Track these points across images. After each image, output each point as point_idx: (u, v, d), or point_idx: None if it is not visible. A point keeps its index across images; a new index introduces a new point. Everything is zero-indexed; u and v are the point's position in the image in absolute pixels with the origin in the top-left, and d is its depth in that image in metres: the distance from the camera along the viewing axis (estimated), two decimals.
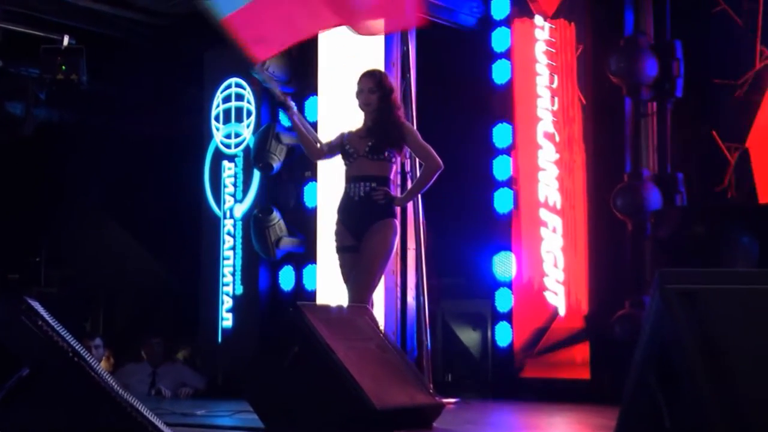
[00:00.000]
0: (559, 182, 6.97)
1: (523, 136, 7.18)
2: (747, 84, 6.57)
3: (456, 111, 7.73)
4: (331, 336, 4.23)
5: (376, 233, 5.24)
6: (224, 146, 8.26)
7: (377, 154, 5.29)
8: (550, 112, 7.05)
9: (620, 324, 6.48)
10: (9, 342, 3.45)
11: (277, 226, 7.74)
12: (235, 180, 8.17)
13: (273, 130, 7.83)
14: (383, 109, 5.33)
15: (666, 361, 2.66)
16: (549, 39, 7.08)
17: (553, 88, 7.05)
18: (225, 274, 8.09)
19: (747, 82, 6.57)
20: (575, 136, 6.95)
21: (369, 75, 5.43)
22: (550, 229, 6.97)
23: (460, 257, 7.74)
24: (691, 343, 2.59)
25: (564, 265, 6.89)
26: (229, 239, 8.13)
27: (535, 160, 7.08)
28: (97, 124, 9.01)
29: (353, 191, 5.31)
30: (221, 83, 8.31)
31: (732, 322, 2.63)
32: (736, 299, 2.67)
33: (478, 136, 7.55)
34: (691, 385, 2.56)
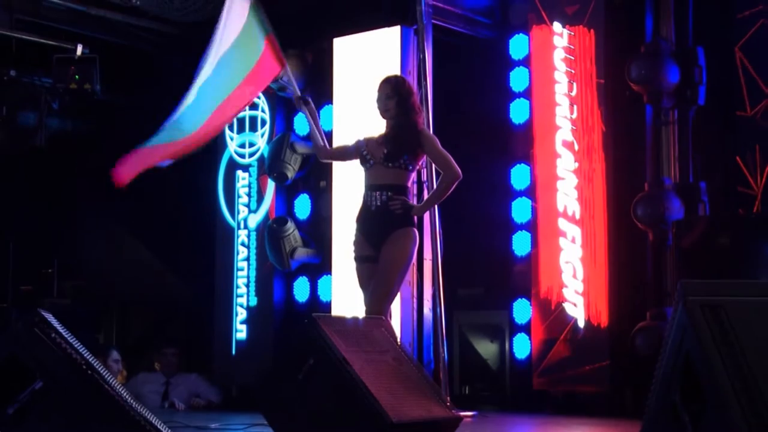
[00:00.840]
0: (578, 191, 6.95)
1: (541, 144, 7.16)
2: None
3: (473, 119, 7.72)
4: (347, 348, 4.23)
5: (394, 242, 5.24)
6: (238, 156, 8.28)
7: (393, 161, 5.28)
8: (569, 121, 7.03)
9: (641, 336, 6.45)
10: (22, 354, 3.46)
11: (291, 236, 7.75)
12: (249, 190, 8.18)
13: (288, 139, 7.85)
14: (401, 115, 5.33)
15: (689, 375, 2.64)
16: (568, 46, 7.06)
17: (572, 95, 7.03)
18: (239, 285, 8.10)
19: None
20: (595, 145, 6.92)
21: (386, 81, 5.46)
22: (569, 239, 6.94)
23: (478, 267, 7.72)
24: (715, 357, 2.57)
25: (583, 276, 6.86)
26: (243, 250, 8.14)
27: (553, 169, 7.06)
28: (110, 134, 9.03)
29: (371, 200, 5.32)
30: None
31: (758, 335, 2.61)
32: (761, 311, 2.64)
33: (496, 145, 7.54)
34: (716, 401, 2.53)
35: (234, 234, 8.19)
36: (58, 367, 3.39)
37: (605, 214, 6.85)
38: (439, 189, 5.38)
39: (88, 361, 3.42)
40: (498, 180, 7.42)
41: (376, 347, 4.49)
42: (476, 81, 7.76)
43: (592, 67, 6.96)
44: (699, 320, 2.62)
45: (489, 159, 7.52)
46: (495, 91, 7.52)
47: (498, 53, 7.52)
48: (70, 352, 3.40)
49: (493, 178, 7.47)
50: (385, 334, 4.66)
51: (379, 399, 4.07)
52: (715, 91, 6.75)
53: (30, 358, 3.44)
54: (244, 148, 8.26)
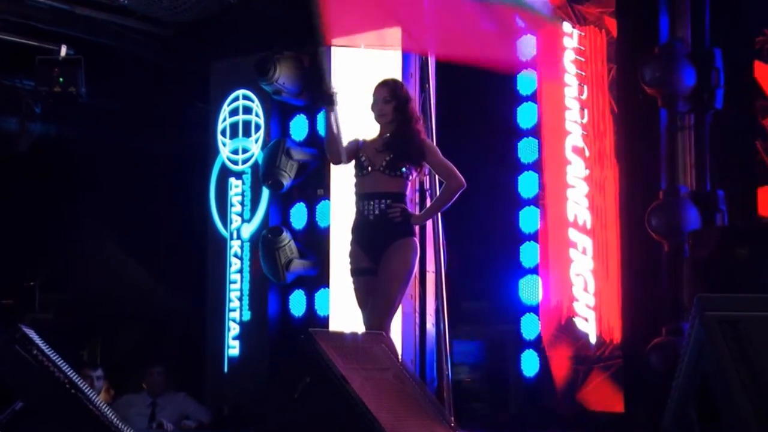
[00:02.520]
0: (589, 200, 6.94)
1: (551, 150, 7.15)
2: None
3: (479, 124, 7.71)
4: (346, 365, 4.21)
5: (394, 254, 5.22)
6: (231, 162, 8.28)
7: (394, 170, 5.28)
8: (580, 125, 7.02)
9: (656, 353, 6.44)
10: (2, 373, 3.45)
11: (287, 247, 7.75)
12: (242, 198, 8.18)
13: (283, 145, 7.85)
14: (401, 121, 5.32)
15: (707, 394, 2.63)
16: (578, 47, 7.06)
17: (582, 99, 7.03)
18: (232, 298, 8.09)
19: None
20: (606, 151, 6.92)
21: (383, 84, 5.45)
22: (580, 250, 6.93)
23: (482, 280, 7.71)
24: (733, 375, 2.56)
25: (595, 289, 6.85)
26: (236, 261, 8.13)
27: (563, 177, 7.05)
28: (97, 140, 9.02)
29: (367, 209, 5.30)
30: (228, 95, 8.34)
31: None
32: None
33: (502, 151, 7.53)
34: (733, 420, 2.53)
35: (226, 245, 8.18)
36: (39, 387, 3.38)
37: (618, 224, 6.84)
38: (442, 198, 5.37)
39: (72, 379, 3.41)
40: (504, 188, 7.41)
41: (376, 364, 4.48)
42: (481, 84, 7.74)
43: (604, 69, 6.96)
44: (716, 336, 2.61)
45: (495, 166, 7.50)
46: (501, 94, 7.52)
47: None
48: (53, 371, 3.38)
49: (499, 186, 7.45)
50: (386, 351, 4.64)
51: (379, 419, 4.05)
52: (733, 94, 6.75)
53: (10, 377, 3.43)
54: (238, 155, 8.25)
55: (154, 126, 9.09)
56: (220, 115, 8.35)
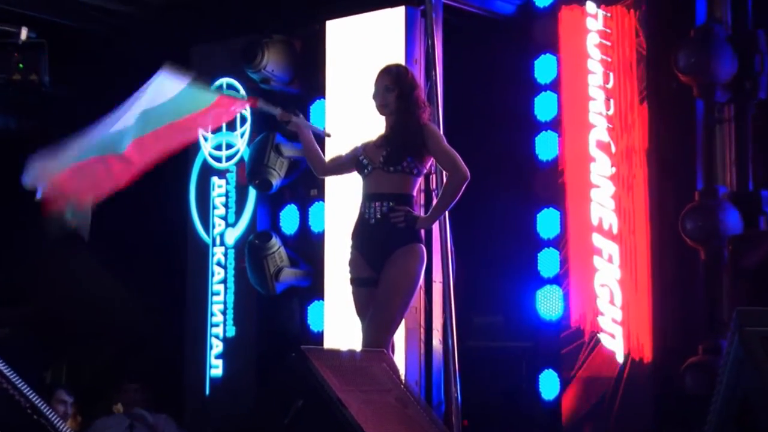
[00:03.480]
0: (615, 202, 6.94)
1: (572, 146, 7.15)
2: None
3: (491, 115, 7.71)
4: (342, 387, 4.22)
5: (397, 262, 5.22)
6: (214, 159, 8.28)
7: (394, 164, 5.27)
8: (605, 118, 7.02)
9: (692, 373, 6.44)
10: None
11: (277, 254, 7.76)
12: (226, 200, 8.19)
13: (272, 140, 7.86)
14: (403, 111, 5.32)
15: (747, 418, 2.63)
16: (603, 30, 7.06)
17: (608, 88, 7.03)
18: (214, 312, 8.10)
19: None
20: (635, 147, 6.92)
21: (385, 71, 5.44)
22: (605, 257, 6.93)
23: (496, 291, 7.70)
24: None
25: (622, 302, 6.85)
26: (219, 271, 8.14)
27: (586, 175, 7.05)
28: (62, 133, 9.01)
29: (368, 212, 5.30)
30: (211, 84, 8.32)
31: None
32: None
33: (518, 148, 7.54)
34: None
35: (208, 252, 8.20)
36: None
37: (648, 229, 6.84)
38: (445, 194, 5.34)
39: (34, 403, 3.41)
40: (521, 188, 7.42)
41: (377, 386, 4.48)
42: (495, 71, 7.75)
43: (632, 54, 6.96)
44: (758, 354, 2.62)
45: (510, 163, 7.52)
46: (517, 83, 7.52)
47: (520, 39, 7.52)
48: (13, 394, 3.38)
49: (514, 186, 7.47)
50: (387, 371, 4.65)
51: None
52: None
53: None
54: (221, 151, 8.26)
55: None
56: None
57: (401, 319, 5.34)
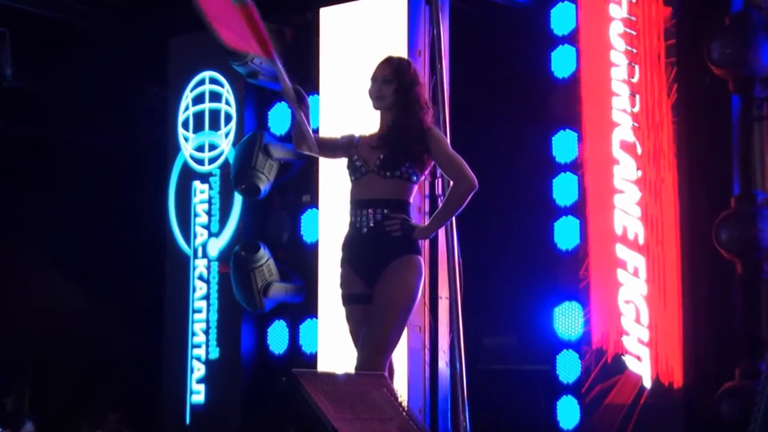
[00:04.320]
0: (641, 209, 6.92)
1: (594, 147, 7.13)
2: None
3: (503, 115, 7.72)
4: (338, 415, 4.20)
5: (392, 275, 5.20)
6: (195, 162, 8.26)
7: (391, 169, 5.25)
8: (630, 116, 7.00)
9: (728, 400, 6.41)
10: None
11: (265, 267, 7.74)
12: (209, 207, 8.16)
13: (260, 140, 7.85)
14: (401, 108, 5.30)
15: None
16: (628, 17, 7.04)
17: (633, 83, 7.01)
18: (196, 332, 8.08)
19: None
20: (664, 148, 6.90)
21: (386, 61, 5.42)
22: (630, 271, 6.90)
23: (509, 309, 7.69)
24: None
25: (649, 321, 6.82)
26: (201, 285, 8.12)
27: (609, 180, 7.03)
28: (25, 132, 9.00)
29: (360, 220, 5.28)
30: (191, 78, 8.33)
31: None
32: None
33: (533, 148, 7.52)
34: None
35: (189, 264, 8.18)
36: None
37: (678, 239, 6.82)
38: (449, 203, 5.32)
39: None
40: (536, 193, 7.39)
41: (376, 413, 4.46)
42: (507, 64, 7.75)
43: (660, 44, 6.94)
44: None
45: (524, 166, 7.50)
46: (531, 77, 7.50)
47: (536, 27, 7.50)
48: None
49: (529, 191, 7.44)
50: (388, 397, 4.62)
51: None
52: None
53: None
54: (203, 152, 8.24)
55: (98, 116, 9.07)
56: (182, 102, 8.35)
57: (398, 339, 5.31)
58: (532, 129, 7.53)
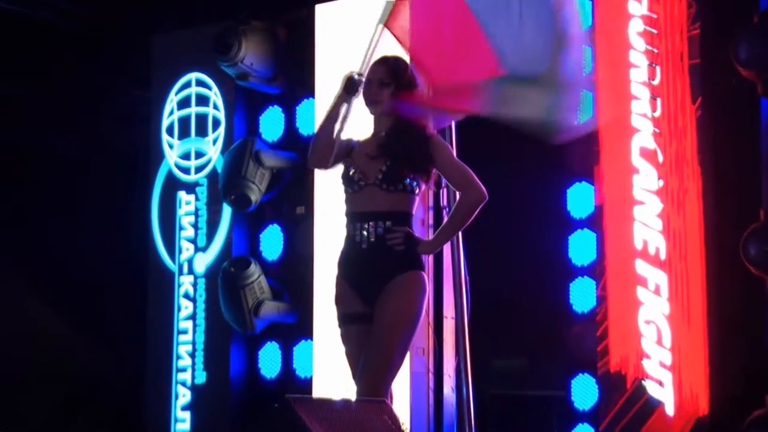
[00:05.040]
0: (663, 221, 6.90)
1: (611, 155, 7.12)
2: None
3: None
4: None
5: (393, 293, 5.20)
6: (181, 170, 8.25)
7: (393, 182, 5.25)
8: (651, 120, 6.99)
9: (757, 429, 6.39)
10: None
11: (256, 285, 7.75)
12: (196, 219, 8.16)
13: (251, 147, 7.85)
14: (399, 112, 5.30)
15: None
16: (649, 15, 7.03)
17: (654, 85, 7.00)
18: (181, 354, 8.07)
19: None
20: (687, 155, 6.89)
21: (381, 61, 5.42)
22: (651, 288, 6.89)
23: (520, 329, 7.68)
24: None
25: (672, 343, 6.80)
26: (186, 304, 8.11)
27: (628, 189, 7.01)
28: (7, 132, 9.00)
29: (360, 234, 5.28)
30: (176, 80, 8.32)
31: None
32: None
33: (545, 155, 7.50)
34: None
35: (174, 281, 8.17)
36: None
37: (702, 254, 6.80)
38: (456, 216, 5.33)
39: None
40: (549, 205, 7.41)
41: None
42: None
43: (684, 44, 6.93)
44: None
45: (536, 175, 7.50)
46: None
47: None
48: None
49: (541, 203, 7.46)
50: (389, 424, 4.62)
51: None
52: None
53: None
54: (189, 160, 8.24)
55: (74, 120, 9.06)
56: (166, 106, 8.35)
57: (401, 362, 5.31)
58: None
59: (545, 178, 7.51)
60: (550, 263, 7.39)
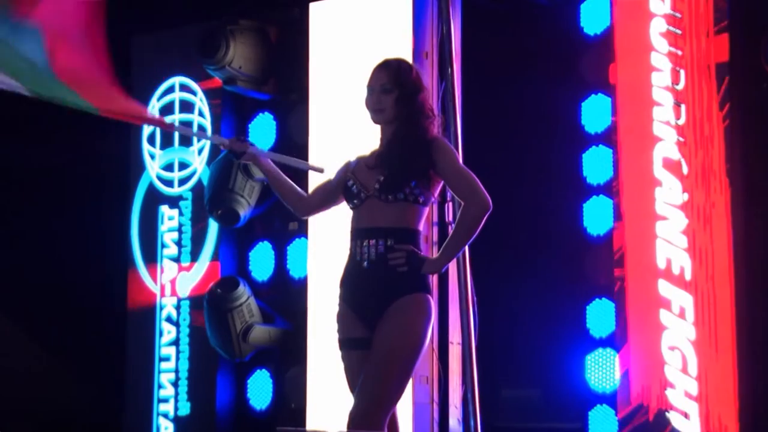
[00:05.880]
0: (688, 238, 6.90)
1: (632, 166, 7.12)
2: None
3: (526, 127, 7.71)
4: None
5: (396, 317, 5.17)
6: (163, 183, 8.25)
7: (394, 192, 5.22)
8: (674, 129, 7.00)
9: None
10: None
11: (245, 307, 7.73)
12: (179, 236, 8.16)
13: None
14: (404, 120, 5.28)
15: None
16: (672, 14, 7.04)
17: (678, 90, 7.00)
18: (163, 384, 8.06)
19: None
20: (714, 166, 6.89)
21: (382, 66, 5.38)
22: (676, 311, 6.89)
23: (532, 356, 7.67)
24: None
25: (698, 371, 6.79)
26: (169, 329, 8.11)
27: (650, 204, 7.01)
28: None
29: (360, 253, 5.25)
30: (158, 85, 8.33)
31: None
32: None
33: (562, 166, 7.52)
34: None
35: (156, 304, 8.16)
36: None
37: (731, 273, 6.80)
38: (460, 230, 5.28)
39: None
40: (564, 220, 7.41)
41: None
42: (529, 68, 7.75)
43: (710, 45, 6.94)
44: None
45: (551, 187, 7.52)
46: (557, 83, 7.52)
47: (563, 26, 7.52)
48: None
49: (556, 218, 7.46)
50: None
51: None
52: None
53: None
54: (172, 172, 8.24)
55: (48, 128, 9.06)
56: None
57: (401, 391, 5.27)
58: (560, 145, 7.53)
59: (561, 196, 7.53)
60: (564, 284, 7.40)
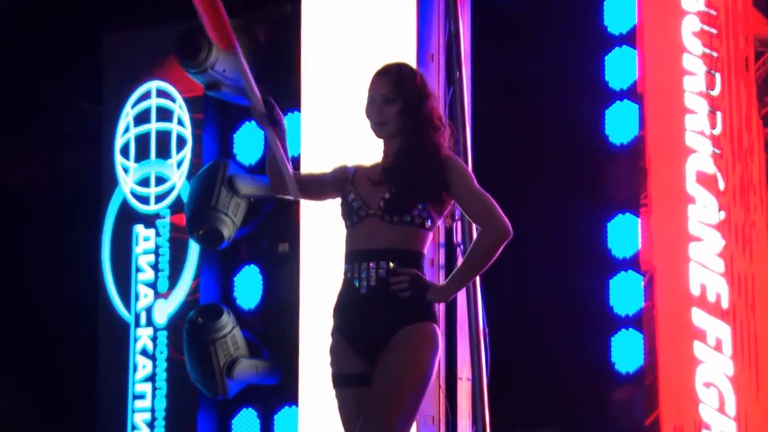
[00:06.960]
0: (725, 262, 6.90)
1: (662, 181, 7.12)
2: None
3: (542, 135, 7.71)
4: None
5: (399, 349, 5.14)
6: (138, 200, 8.24)
7: (400, 213, 5.20)
8: (710, 139, 6.99)
9: None
10: None
11: (229, 339, 7.73)
12: (156, 259, 8.15)
13: (223, 172, 7.84)
14: (410, 132, 5.27)
15: None
16: (706, 11, 7.04)
17: (713, 96, 7.00)
18: (137, 424, 8.05)
19: None
20: (754, 181, 6.89)
21: (383, 74, 5.35)
22: (711, 343, 6.88)
23: (550, 392, 7.65)
24: None
25: (737, 410, 6.79)
26: (144, 363, 8.09)
27: (683, 223, 7.01)
28: None
29: (359, 277, 5.23)
30: (133, 90, 8.32)
31: None
32: None
33: (578, 180, 7.52)
34: None
35: (129, 334, 8.15)
36: None
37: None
38: (474, 256, 5.27)
39: None
40: (586, 240, 7.43)
41: None
42: (548, 72, 7.75)
43: (749, 46, 6.94)
44: None
45: (570, 204, 7.51)
46: (579, 89, 7.54)
47: (585, 24, 7.53)
48: None
49: (577, 237, 7.47)
50: None
51: None
52: None
53: None
54: (148, 187, 8.22)
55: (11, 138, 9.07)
56: (120, 122, 8.34)
57: (408, 430, 5.28)
58: (581, 156, 7.53)
59: (584, 215, 7.53)
60: (585, 312, 7.38)
